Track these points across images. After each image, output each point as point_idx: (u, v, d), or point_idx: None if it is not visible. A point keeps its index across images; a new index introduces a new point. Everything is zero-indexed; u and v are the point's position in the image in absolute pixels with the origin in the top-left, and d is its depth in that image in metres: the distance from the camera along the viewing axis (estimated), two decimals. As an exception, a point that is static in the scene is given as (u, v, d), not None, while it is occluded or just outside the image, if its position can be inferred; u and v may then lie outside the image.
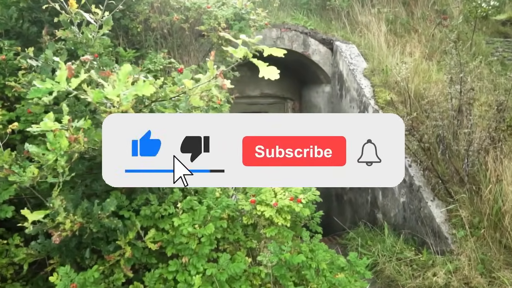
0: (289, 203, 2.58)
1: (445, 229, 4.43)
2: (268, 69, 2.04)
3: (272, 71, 2.04)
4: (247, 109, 9.04)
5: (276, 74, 2.05)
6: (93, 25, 2.90)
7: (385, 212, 5.61)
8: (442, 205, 4.63)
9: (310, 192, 2.69)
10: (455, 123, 4.76)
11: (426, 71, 6.08)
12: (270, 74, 2.03)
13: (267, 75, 2.04)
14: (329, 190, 7.53)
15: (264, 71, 2.03)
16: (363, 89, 6.18)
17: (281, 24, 7.18)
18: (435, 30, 7.35)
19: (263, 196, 2.62)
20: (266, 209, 2.59)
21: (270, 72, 2.03)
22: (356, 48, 7.04)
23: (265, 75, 2.03)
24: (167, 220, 2.45)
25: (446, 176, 4.72)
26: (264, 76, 2.04)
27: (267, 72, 2.03)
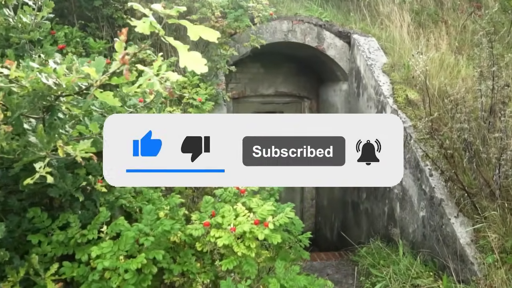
0: (251, 227, 2.00)
1: (471, 252, 3.71)
2: (190, 56, 1.47)
3: (195, 58, 1.47)
4: (260, 109, 8.46)
5: (202, 64, 1.48)
6: (29, 8, 2.41)
7: (402, 227, 4.90)
8: (467, 223, 3.91)
9: (282, 214, 2.10)
10: (485, 126, 4.01)
11: (454, 66, 5.32)
12: (193, 62, 1.46)
13: (189, 63, 1.47)
14: (345, 198, 6.87)
15: (185, 58, 1.47)
16: (381, 86, 5.49)
17: (293, 16, 6.56)
18: (467, 21, 6.53)
19: (219, 219, 2.05)
20: (222, 235, 2.02)
21: (192, 59, 1.47)
22: (375, 42, 6.33)
23: (186, 63, 1.46)
24: (86, 249, 1.93)
25: (474, 188, 3.99)
26: (185, 65, 1.47)
27: (189, 59, 1.47)
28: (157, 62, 2.22)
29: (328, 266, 5.25)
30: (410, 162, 4.67)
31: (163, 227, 1.95)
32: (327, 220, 7.97)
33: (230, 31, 4.42)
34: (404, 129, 4.80)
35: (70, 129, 2.04)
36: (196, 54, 1.48)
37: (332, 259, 5.61)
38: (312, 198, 8.67)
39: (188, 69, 1.51)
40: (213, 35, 1.49)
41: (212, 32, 1.49)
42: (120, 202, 2.35)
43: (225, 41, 4.88)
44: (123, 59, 1.57)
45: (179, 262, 2.13)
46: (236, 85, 8.22)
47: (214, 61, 4.75)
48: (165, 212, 2.20)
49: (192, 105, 3.59)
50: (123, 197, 2.36)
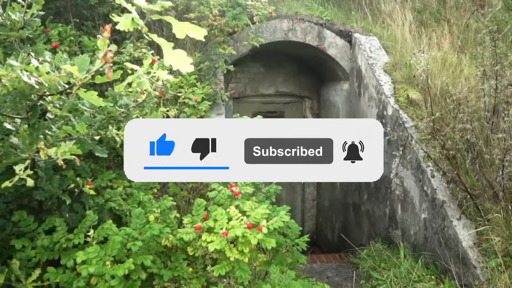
0: (244, 232, 1.92)
1: (473, 255, 3.62)
2: (175, 54, 1.40)
3: (180, 57, 1.39)
4: (261, 109, 8.37)
5: (188, 63, 1.41)
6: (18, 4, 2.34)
7: (404, 229, 4.81)
8: (470, 226, 3.81)
9: (277, 217, 2.02)
10: (488, 126, 3.92)
11: (457, 65, 5.23)
12: (178, 61, 1.39)
13: (174, 62, 1.39)
14: (346, 199, 6.78)
15: (169, 57, 1.39)
16: (382, 86, 5.40)
17: (294, 15, 6.48)
18: (470, 19, 6.43)
19: (211, 222, 1.97)
20: (214, 239, 1.95)
21: (177, 58, 1.39)
22: (377, 41, 6.24)
23: (170, 62, 1.39)
24: (72, 254, 1.85)
25: (476, 190, 3.90)
26: (170, 63, 1.40)
27: (174, 57, 1.39)
28: (147, 61, 2.14)
29: (328, 269, 5.16)
30: (411, 163, 4.58)
31: (151, 231, 1.87)
32: (328, 221, 7.88)
33: (228, 29, 4.35)
34: (405, 129, 4.71)
35: (57, 129, 1.97)
36: (181, 52, 1.41)
37: (333, 261, 5.53)
38: (313, 199, 8.58)
39: (173, 68, 1.43)
40: (200, 32, 1.41)
41: (198, 30, 1.41)
42: (109, 205, 2.28)
43: (223, 40, 4.80)
44: (104, 57, 1.49)
45: (170, 267, 2.05)
46: (237, 85, 8.14)
47: (212, 60, 4.68)
48: (156, 216, 2.13)
49: (188, 105, 3.51)
50: (112, 200, 2.29)
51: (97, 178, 2.41)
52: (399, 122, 4.86)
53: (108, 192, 2.34)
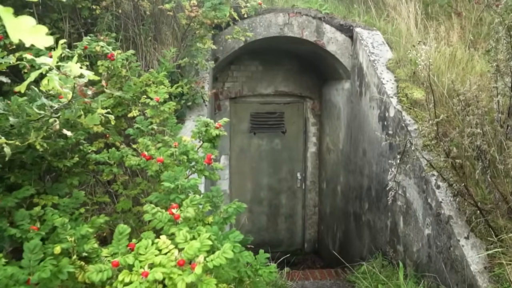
0: (171, 271, 1.45)
1: (483, 282, 3.09)
2: (20, 23, 0.93)
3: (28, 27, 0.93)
4: (260, 110, 7.91)
5: (43, 34, 0.94)
6: None
7: (406, 245, 4.29)
8: (480, 246, 3.29)
9: (219, 252, 1.55)
10: (502, 131, 3.39)
11: (468, 61, 4.69)
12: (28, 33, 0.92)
13: (23, 35, 0.93)
14: (347, 208, 6.26)
15: (14, 28, 0.92)
16: (384, 84, 4.88)
17: (290, 8, 5.99)
18: (484, 12, 5.86)
19: (130, 258, 1.51)
20: (134, 280, 1.48)
21: (24, 28, 0.93)
22: (380, 35, 5.71)
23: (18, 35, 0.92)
24: None
25: (488, 204, 3.37)
26: (18, 37, 0.93)
27: (20, 28, 0.93)
28: (56, 52, 1.69)
29: (322, 287, 4.67)
30: (414, 171, 4.06)
31: (40, 273, 1.41)
32: (329, 229, 7.37)
33: (208, 21, 3.89)
34: (408, 133, 4.19)
35: None
36: (29, 20, 0.94)
37: (327, 278, 5.03)
38: (314, 205, 8.07)
39: (25, 42, 0.97)
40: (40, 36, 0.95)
41: (39, 31, 0.95)
42: (10, 232, 1.81)
43: (205, 34, 4.34)
44: None
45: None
46: (233, 84, 7.68)
47: (193, 56, 4.23)
48: (66, 246, 1.67)
49: (148, 105, 3.06)
50: (17, 225, 1.83)
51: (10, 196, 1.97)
52: (402, 125, 4.34)
53: (18, 213, 1.88)
